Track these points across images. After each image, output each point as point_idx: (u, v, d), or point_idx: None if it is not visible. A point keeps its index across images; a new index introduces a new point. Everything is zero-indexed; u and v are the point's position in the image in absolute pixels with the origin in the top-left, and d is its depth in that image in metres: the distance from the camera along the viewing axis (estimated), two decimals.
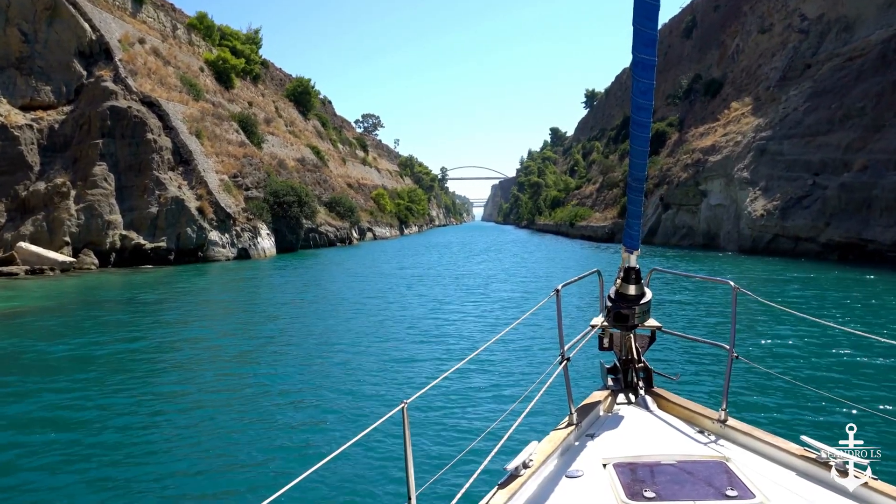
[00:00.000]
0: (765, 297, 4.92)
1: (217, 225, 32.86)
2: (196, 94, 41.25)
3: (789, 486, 2.47)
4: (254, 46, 60.44)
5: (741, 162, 37.04)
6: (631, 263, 3.46)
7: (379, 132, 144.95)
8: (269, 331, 13.67)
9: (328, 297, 19.53)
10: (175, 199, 30.83)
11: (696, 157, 42.04)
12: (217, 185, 34.08)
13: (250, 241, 34.99)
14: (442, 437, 6.70)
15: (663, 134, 56.88)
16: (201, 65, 48.27)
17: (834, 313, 14.10)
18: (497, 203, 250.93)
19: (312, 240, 47.22)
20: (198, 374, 10.01)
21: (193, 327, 14.70)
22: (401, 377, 9.32)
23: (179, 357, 11.29)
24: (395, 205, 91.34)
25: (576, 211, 67.62)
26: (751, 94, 43.54)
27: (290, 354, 11.19)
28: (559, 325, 3.16)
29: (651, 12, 2.72)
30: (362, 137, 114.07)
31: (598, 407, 3.26)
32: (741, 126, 39.98)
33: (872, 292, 18.06)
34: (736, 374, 8.48)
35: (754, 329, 12.25)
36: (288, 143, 57.71)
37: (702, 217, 40.72)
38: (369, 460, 6.07)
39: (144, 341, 12.64)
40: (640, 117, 3.22)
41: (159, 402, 8.36)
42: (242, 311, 17.30)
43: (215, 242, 32.44)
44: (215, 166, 35.38)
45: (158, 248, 29.83)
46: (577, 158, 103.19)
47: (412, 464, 2.04)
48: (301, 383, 9.21)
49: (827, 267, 25.53)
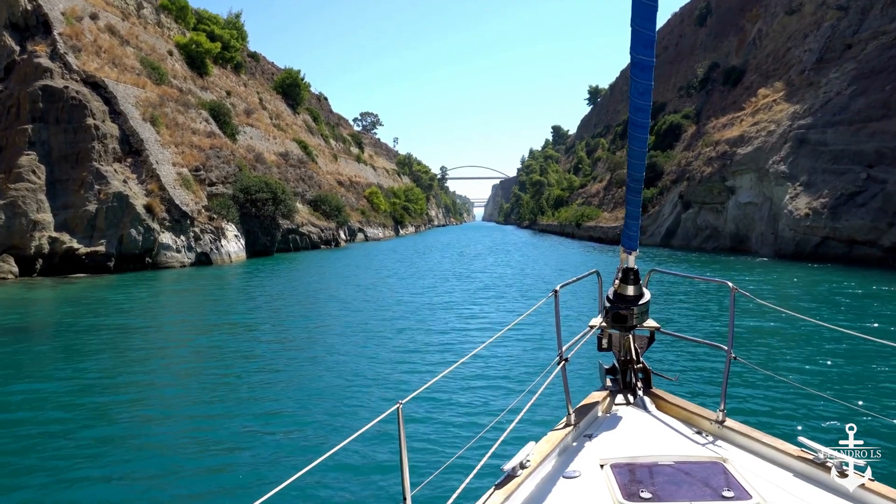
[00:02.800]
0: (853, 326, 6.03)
1: (171, 225, 28.21)
2: (159, 77, 36.63)
3: (786, 487, 2.46)
4: (234, 32, 55.79)
5: (776, 153, 32.35)
6: (629, 264, 3.40)
7: (378, 130, 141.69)
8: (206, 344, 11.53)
9: (279, 313, 14.98)
10: (118, 194, 26.16)
11: (722, 149, 37.33)
12: (173, 179, 29.42)
13: (212, 245, 30.33)
14: (438, 438, 6.61)
15: (678, 127, 52.46)
16: (170, 48, 43.65)
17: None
18: (498, 203, 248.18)
19: (292, 242, 42.55)
20: (172, 382, 9.75)
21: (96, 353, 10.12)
22: (396, 378, 9.19)
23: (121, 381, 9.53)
24: (390, 204, 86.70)
25: (582, 210, 62.94)
26: (781, 79, 38.86)
27: (278, 359, 10.76)
28: (557, 326, 3.19)
29: (649, 13, 2.68)
30: (357, 134, 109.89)
31: (597, 407, 3.25)
32: (774, 114, 35.28)
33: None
34: (734, 374, 8.42)
35: (753, 330, 12.13)
36: (270, 137, 53.08)
37: (729, 217, 36.01)
38: (364, 461, 6.01)
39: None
40: (638, 118, 3.13)
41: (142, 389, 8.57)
42: (154, 331, 12.73)
43: (167, 246, 27.79)
44: (173, 158, 30.72)
45: (95, 254, 25.16)
46: (582, 156, 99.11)
47: (407, 464, 2.03)
48: (296, 383, 9.07)
49: (893, 276, 20.93)
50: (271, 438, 6.81)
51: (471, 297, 18.74)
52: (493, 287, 21.57)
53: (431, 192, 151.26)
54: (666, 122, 54.92)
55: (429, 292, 20.03)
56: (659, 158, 48.87)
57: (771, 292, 18.38)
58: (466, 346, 11.34)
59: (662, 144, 52.61)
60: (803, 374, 8.96)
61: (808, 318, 4.46)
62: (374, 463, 5.95)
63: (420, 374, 9.38)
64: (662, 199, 44.57)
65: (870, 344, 9.53)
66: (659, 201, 44.90)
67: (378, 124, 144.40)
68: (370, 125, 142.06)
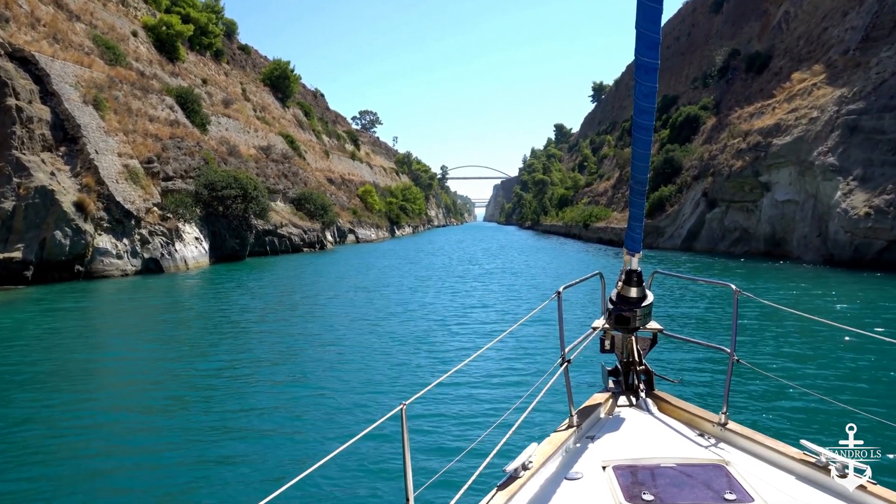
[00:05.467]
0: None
1: (110, 227, 23.79)
2: (114, 58, 32.23)
3: (788, 489, 2.45)
4: (213, 16, 51.40)
5: (822, 143, 27.86)
6: (633, 266, 3.36)
7: (377, 129, 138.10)
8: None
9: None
10: (41, 189, 21.74)
11: (754, 140, 32.81)
12: (116, 171, 25.00)
13: (164, 249, 25.89)
14: (441, 439, 6.64)
15: (696, 119, 48.06)
16: (136, 28, 39.27)
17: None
18: (499, 203, 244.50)
19: (270, 244, 38.11)
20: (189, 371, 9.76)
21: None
22: (400, 379, 9.19)
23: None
24: (385, 203, 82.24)
25: (590, 210, 58.43)
26: (820, 62, 34.37)
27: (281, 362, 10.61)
28: (560, 327, 3.15)
29: (654, 15, 2.67)
30: (353, 131, 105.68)
31: (599, 409, 3.26)
32: (815, 99, 30.77)
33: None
34: (737, 377, 8.39)
35: (756, 332, 11.98)
36: (251, 129, 48.67)
37: (763, 216, 31.50)
38: (367, 461, 6.01)
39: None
40: (642, 120, 3.07)
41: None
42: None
43: (105, 251, 23.37)
44: (120, 147, 26.30)
45: (9, 261, 20.71)
46: (587, 153, 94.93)
47: (410, 465, 2.02)
48: (298, 383, 9.10)
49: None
50: (272, 439, 6.81)
51: (473, 295, 17.82)
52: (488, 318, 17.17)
53: (431, 192, 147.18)
54: (682, 113, 50.50)
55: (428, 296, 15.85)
56: (677, 153, 44.41)
57: (869, 314, 13.96)
58: (469, 347, 11.31)
59: (679, 138, 48.20)
60: (806, 376, 8.95)
61: (810, 315, 4.13)
62: (377, 464, 5.95)
63: (424, 374, 9.46)
64: (682, 198, 40.03)
65: (876, 343, 9.47)
66: (678, 199, 40.36)
67: (377, 123, 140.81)
68: (369, 124, 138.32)
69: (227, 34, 67.42)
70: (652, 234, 41.03)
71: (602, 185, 68.81)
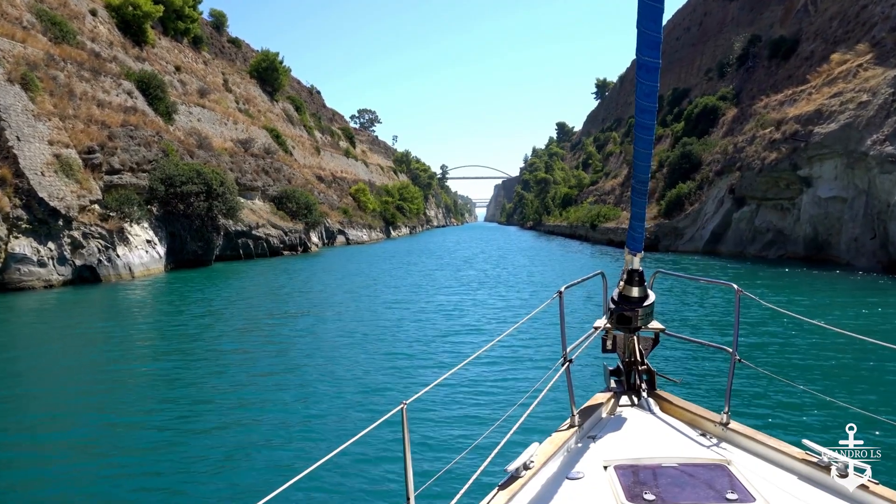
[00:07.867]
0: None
1: (31, 228, 19.82)
2: (61, 35, 28.29)
3: (790, 489, 2.44)
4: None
5: (877, 131, 23.83)
6: (634, 266, 3.34)
7: (376, 128, 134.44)
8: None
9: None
10: None
11: (791, 128, 28.75)
12: (43, 162, 21.01)
13: (103, 254, 21.90)
14: (442, 438, 6.56)
15: (714, 110, 44.15)
16: (94, 7, 35.29)
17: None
18: (500, 203, 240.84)
19: (244, 247, 34.13)
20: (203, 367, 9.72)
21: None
22: (401, 378, 9.17)
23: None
24: (381, 203, 78.30)
25: (597, 210, 54.38)
26: (863, 41, 30.35)
27: (285, 356, 10.64)
28: (562, 327, 3.10)
29: (655, 15, 2.67)
30: (349, 128, 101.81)
31: (601, 409, 3.22)
32: (863, 81, 26.75)
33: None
34: (738, 377, 8.25)
35: (757, 332, 11.84)
36: (229, 121, 44.71)
37: (803, 216, 27.45)
38: (368, 460, 5.97)
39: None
40: (644, 119, 3.07)
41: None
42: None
43: (23, 258, 19.39)
44: (52, 134, 22.31)
45: None
46: (591, 151, 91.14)
47: (411, 464, 2.01)
48: (302, 382, 9.02)
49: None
50: (272, 439, 6.77)
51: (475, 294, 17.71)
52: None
53: (430, 191, 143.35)
54: (698, 105, 46.52)
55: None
56: (695, 147, 40.40)
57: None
58: (470, 346, 11.20)
59: (695, 131, 44.22)
60: (807, 376, 8.84)
61: (811, 319, 4.02)
62: (378, 463, 5.93)
63: (425, 373, 9.42)
64: (703, 195, 35.96)
65: (873, 346, 9.23)
66: (699, 197, 36.29)
67: (376, 121, 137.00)
68: (368, 122, 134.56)
69: (216, 26, 63.60)
70: (670, 235, 36.99)
71: (609, 184, 64.86)
